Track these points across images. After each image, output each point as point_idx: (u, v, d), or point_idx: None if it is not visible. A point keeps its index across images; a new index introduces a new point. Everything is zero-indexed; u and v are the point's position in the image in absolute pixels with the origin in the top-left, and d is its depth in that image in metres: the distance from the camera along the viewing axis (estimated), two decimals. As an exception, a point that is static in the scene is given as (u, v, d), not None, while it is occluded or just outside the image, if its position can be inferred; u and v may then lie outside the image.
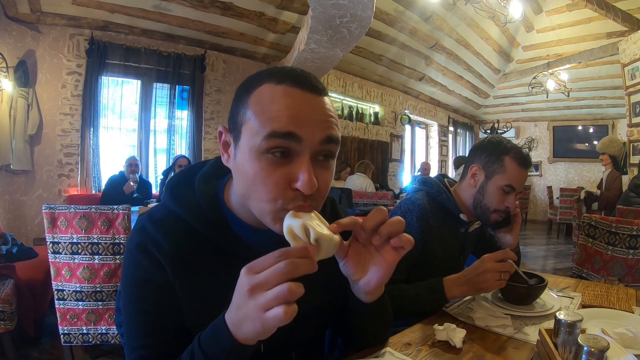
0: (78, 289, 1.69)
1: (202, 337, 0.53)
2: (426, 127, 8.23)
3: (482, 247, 1.38)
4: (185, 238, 0.61)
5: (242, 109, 0.55)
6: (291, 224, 0.49)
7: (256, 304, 0.45)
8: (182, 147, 4.56)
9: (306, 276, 0.45)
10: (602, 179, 4.74)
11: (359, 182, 4.41)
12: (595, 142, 6.65)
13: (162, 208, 0.65)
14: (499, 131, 7.86)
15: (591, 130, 8.00)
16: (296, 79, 0.54)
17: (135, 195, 3.44)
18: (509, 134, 8.22)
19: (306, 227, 0.48)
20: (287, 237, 0.49)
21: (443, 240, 1.16)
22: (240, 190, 0.58)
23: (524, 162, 1.13)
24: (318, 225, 0.49)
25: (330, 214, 0.78)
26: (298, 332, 0.65)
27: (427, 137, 8.29)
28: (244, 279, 0.46)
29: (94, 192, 3.80)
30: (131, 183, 3.43)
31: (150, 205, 2.88)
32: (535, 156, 8.71)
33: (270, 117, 0.52)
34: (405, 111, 7.04)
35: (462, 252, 1.25)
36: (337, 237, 0.51)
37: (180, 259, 0.60)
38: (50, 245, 1.66)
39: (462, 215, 1.19)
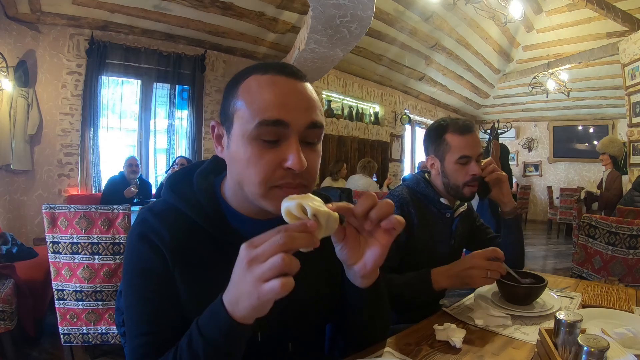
0: (78, 289, 1.69)
1: (200, 320, 0.53)
2: (426, 127, 8.22)
3: (474, 236, 1.39)
4: (185, 230, 0.63)
5: (233, 100, 0.60)
6: (288, 206, 0.49)
7: (253, 276, 0.46)
8: (182, 147, 4.54)
9: (302, 269, 0.46)
10: (602, 179, 4.74)
11: (361, 183, 4.39)
12: (595, 142, 6.65)
13: (163, 202, 0.67)
14: (499, 131, 7.84)
15: (591, 130, 7.99)
16: (279, 68, 0.60)
17: (135, 200, 3.43)
18: (509, 134, 8.21)
19: (302, 206, 0.49)
20: (286, 219, 0.50)
21: (429, 227, 1.20)
22: (234, 177, 0.62)
23: (462, 129, 1.17)
24: (314, 203, 0.50)
25: None
26: (294, 323, 0.67)
27: (427, 137, 8.28)
28: (243, 252, 0.47)
29: (94, 192, 3.79)
30: (132, 188, 3.41)
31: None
32: (535, 156, 8.72)
33: (259, 106, 0.57)
34: (405, 111, 7.03)
35: (452, 237, 1.26)
36: (335, 213, 0.51)
37: (180, 249, 0.62)
38: (50, 245, 1.66)
39: (442, 200, 1.23)
